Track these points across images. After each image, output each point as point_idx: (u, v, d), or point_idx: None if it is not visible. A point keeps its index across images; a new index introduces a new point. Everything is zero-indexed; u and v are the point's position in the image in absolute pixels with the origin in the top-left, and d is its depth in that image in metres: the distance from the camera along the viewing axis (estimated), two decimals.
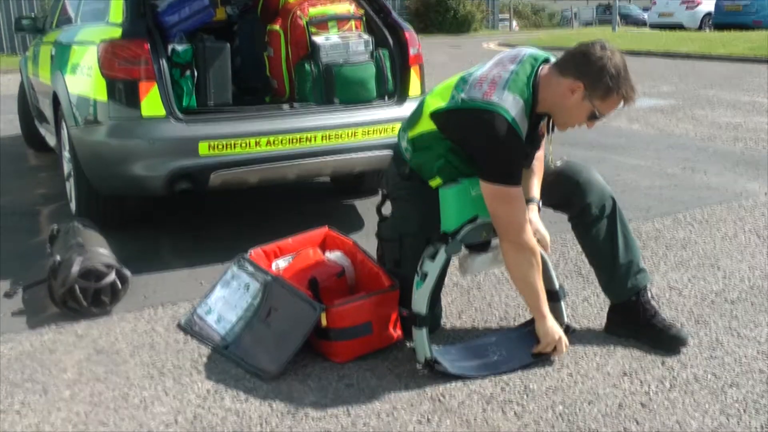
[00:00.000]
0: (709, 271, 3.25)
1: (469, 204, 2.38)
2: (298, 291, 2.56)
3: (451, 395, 2.29)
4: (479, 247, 2.46)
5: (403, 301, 2.54)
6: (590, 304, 2.93)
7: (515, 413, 2.19)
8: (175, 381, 2.42)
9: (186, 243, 3.82)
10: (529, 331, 2.62)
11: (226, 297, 2.83)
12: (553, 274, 2.54)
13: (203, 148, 3.38)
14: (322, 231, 3.07)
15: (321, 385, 2.37)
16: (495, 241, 2.45)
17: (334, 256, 2.92)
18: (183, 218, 4.31)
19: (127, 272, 3.03)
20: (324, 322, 2.48)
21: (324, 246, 3.04)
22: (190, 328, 2.81)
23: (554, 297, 2.54)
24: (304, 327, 2.46)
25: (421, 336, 2.41)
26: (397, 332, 2.59)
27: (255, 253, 2.93)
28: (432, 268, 2.40)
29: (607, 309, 2.72)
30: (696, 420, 2.13)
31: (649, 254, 3.46)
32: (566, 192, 2.59)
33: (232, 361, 2.54)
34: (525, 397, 2.27)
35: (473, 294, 3.07)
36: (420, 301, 2.42)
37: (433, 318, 2.64)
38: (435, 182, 2.48)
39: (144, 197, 3.83)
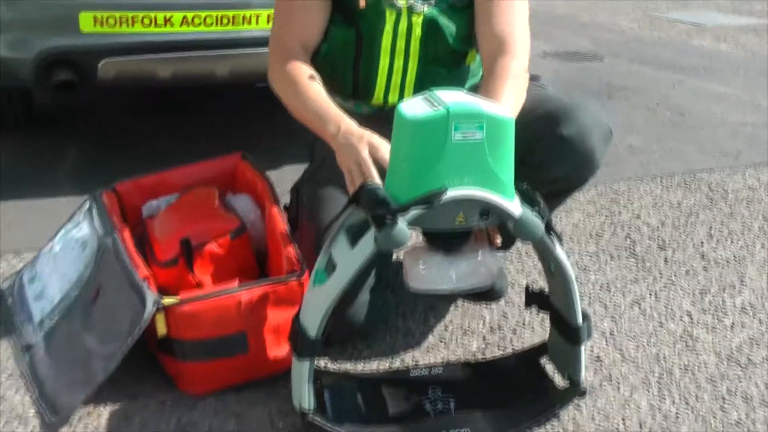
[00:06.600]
0: None
1: (435, 159, 1.15)
2: (131, 267, 1.49)
3: None
4: (444, 241, 1.27)
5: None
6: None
7: None
8: None
9: (81, 166, 2.75)
10: (521, 366, 1.54)
11: (59, 256, 1.78)
12: (577, 300, 1.34)
13: (86, 21, 2.29)
14: (232, 159, 1.98)
15: None
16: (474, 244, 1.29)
17: (238, 202, 1.84)
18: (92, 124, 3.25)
19: None
20: (162, 328, 1.41)
21: (233, 184, 1.96)
22: (5, 303, 1.79)
23: (572, 336, 1.38)
24: (124, 335, 1.40)
25: (299, 371, 1.29)
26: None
27: (122, 187, 1.88)
28: (347, 258, 1.23)
29: None
30: None
31: (739, 227, 2.29)
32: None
33: (22, 378, 1.51)
34: None
35: None
36: (313, 310, 1.27)
37: (376, 319, 1.59)
38: None
39: (19, 91, 2.84)
